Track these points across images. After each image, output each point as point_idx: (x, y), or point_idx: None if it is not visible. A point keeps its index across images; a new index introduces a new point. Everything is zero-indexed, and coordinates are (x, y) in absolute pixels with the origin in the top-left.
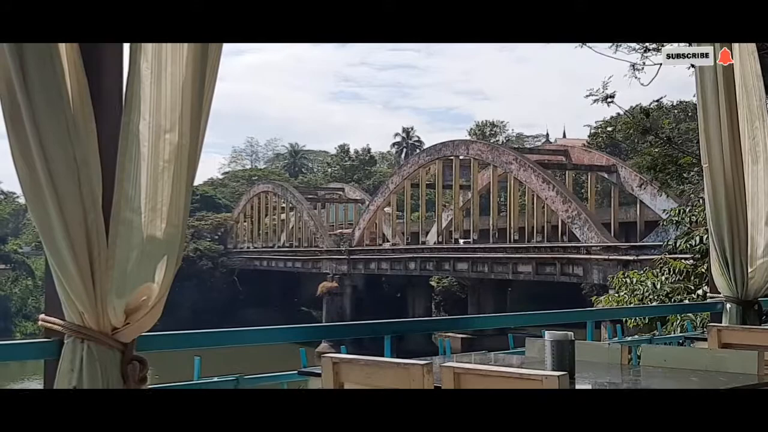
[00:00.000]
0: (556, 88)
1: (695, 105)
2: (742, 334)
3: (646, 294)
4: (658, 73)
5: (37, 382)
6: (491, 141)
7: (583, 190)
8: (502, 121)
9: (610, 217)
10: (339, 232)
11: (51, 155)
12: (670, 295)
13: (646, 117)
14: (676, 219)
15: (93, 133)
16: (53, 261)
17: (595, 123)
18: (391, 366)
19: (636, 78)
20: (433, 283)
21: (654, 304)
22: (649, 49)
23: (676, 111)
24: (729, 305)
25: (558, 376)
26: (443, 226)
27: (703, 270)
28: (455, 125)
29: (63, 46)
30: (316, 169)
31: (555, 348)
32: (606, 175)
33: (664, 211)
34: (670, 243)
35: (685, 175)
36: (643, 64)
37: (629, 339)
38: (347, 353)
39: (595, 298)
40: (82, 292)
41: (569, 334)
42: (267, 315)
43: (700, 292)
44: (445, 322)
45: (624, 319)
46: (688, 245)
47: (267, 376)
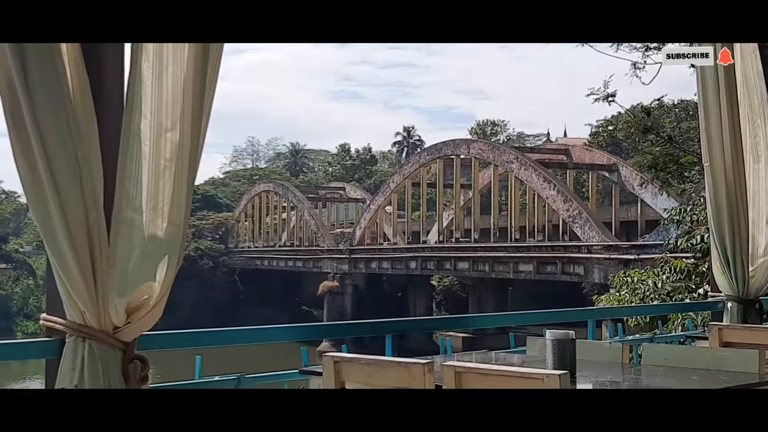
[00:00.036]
0: (556, 87)
1: (696, 104)
2: (743, 333)
3: (647, 293)
4: (659, 72)
5: (39, 382)
6: (492, 140)
7: (584, 189)
8: (503, 120)
9: (611, 216)
10: (340, 231)
11: (52, 154)
12: (671, 294)
13: (647, 116)
14: (677, 218)
15: (94, 132)
16: (54, 260)
17: (596, 122)
18: (392, 365)
19: (637, 77)
20: (434, 282)
21: (655, 303)
22: (650, 48)
23: (677, 110)
24: (730, 304)
25: (559, 375)
26: (444, 225)
27: (704, 269)
28: (456, 124)
29: (64, 46)
30: (317, 169)
31: (556, 347)
32: (607, 174)
33: (665, 210)
34: (671, 242)
35: (686, 174)
36: (644, 62)
37: (630, 338)
38: (348, 352)
39: (596, 297)
40: (84, 291)
41: (570, 333)
42: (268, 314)
43: (701, 291)
44: (446, 321)
45: (625, 318)
46: (689, 244)
47: (268, 375)
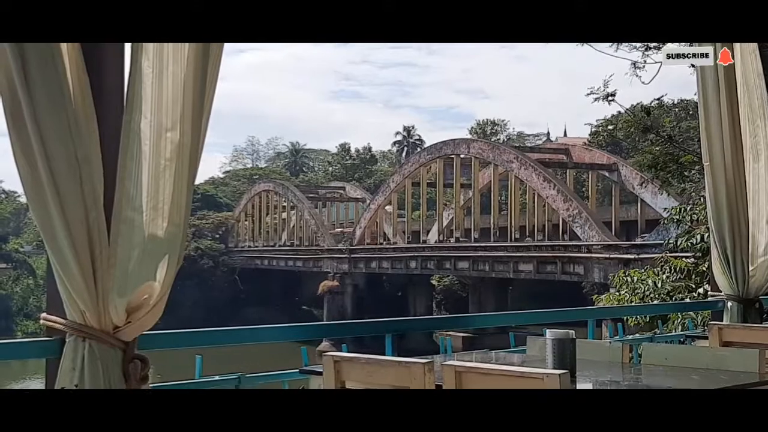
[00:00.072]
0: (556, 86)
1: (696, 103)
2: (743, 332)
3: (647, 292)
4: (659, 72)
5: (39, 381)
6: (492, 140)
7: (584, 189)
8: (503, 120)
9: (611, 216)
10: (340, 231)
11: (52, 154)
12: (671, 293)
13: (647, 115)
14: (677, 217)
15: (94, 132)
16: (55, 260)
17: (596, 121)
18: (393, 364)
19: (637, 76)
20: (434, 281)
21: (655, 302)
22: (650, 47)
23: (677, 109)
24: (730, 303)
25: (559, 375)
26: (444, 224)
27: (704, 268)
28: (456, 124)
29: (64, 46)
30: (317, 168)
31: (556, 346)
32: (607, 174)
33: (665, 209)
34: (671, 241)
35: (686, 173)
36: (644, 62)
37: (630, 337)
38: (348, 352)
39: (596, 296)
40: (84, 290)
41: (570, 332)
42: (268, 314)
43: (701, 290)
44: (446, 321)
45: (625, 318)
46: (689, 244)
47: (268, 375)
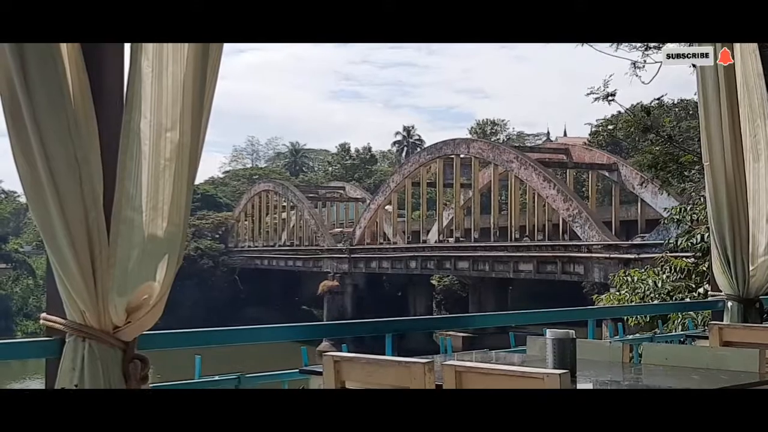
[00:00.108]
0: (556, 86)
1: (696, 103)
2: (744, 332)
3: (647, 292)
4: (659, 72)
5: (39, 381)
6: (492, 139)
7: (584, 189)
8: (503, 120)
9: (611, 216)
10: (340, 230)
11: (52, 154)
12: (672, 293)
13: (647, 115)
14: (677, 217)
15: (94, 132)
16: (54, 260)
17: (596, 121)
18: (393, 364)
19: (637, 76)
20: (434, 281)
21: (655, 302)
22: (650, 47)
23: (677, 109)
24: (730, 303)
25: (559, 375)
26: (444, 224)
27: (704, 268)
28: (456, 124)
29: (64, 45)
30: (316, 168)
31: (556, 346)
32: (607, 174)
33: (665, 209)
34: (671, 241)
35: (686, 173)
36: (644, 62)
37: (630, 337)
38: (348, 352)
39: (596, 296)
40: (84, 290)
41: (570, 332)
42: (268, 314)
43: (701, 290)
44: (446, 321)
45: (625, 318)
46: (689, 243)
47: (268, 375)
